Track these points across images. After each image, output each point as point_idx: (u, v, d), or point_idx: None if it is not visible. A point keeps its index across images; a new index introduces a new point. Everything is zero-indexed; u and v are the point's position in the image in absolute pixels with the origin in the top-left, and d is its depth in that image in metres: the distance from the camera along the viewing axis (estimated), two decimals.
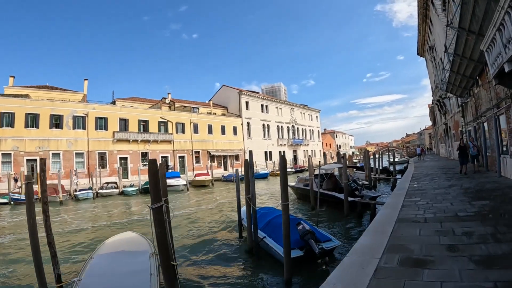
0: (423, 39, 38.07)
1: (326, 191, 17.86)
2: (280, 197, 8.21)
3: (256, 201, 10.69)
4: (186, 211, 21.86)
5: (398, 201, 9.38)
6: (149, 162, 6.18)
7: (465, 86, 18.04)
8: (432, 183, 13.80)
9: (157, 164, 6.16)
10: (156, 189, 5.98)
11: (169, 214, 7.23)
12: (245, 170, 10.06)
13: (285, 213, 7.78)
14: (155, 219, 5.85)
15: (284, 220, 7.81)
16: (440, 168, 22.12)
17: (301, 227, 8.81)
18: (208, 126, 55.25)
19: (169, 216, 7.18)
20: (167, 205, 7.30)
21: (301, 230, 8.67)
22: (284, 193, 8.02)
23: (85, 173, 39.37)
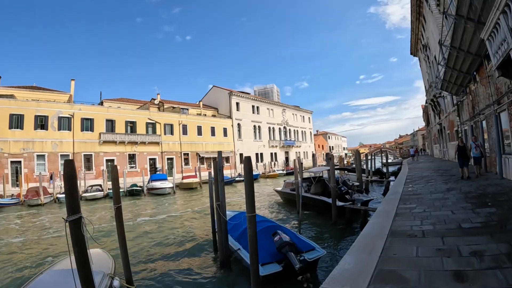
0: (416, 38, 37.26)
1: (315, 195, 16.71)
2: (246, 207, 7.03)
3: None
4: (170, 215, 20.84)
5: (391, 208, 8.23)
6: (65, 164, 4.93)
7: (461, 83, 17.00)
8: (428, 186, 12.68)
9: (73, 166, 4.92)
10: (73, 197, 4.78)
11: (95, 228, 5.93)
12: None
13: (251, 226, 6.60)
14: (72, 234, 4.70)
15: (250, 234, 6.62)
16: (435, 170, 20.96)
17: (277, 237, 7.57)
18: (198, 128, 54.10)
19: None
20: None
21: (278, 241, 7.46)
22: (250, 203, 6.81)
23: None
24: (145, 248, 12.61)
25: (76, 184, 4.91)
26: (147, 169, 45.42)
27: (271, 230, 8.14)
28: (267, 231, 8.20)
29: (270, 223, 9.22)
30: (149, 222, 18.80)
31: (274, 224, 9.04)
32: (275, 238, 7.60)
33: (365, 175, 28.98)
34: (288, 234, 8.22)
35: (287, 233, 8.23)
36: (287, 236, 7.67)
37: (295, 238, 8.22)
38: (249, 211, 6.71)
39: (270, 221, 10.07)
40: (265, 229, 8.40)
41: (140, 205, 27.46)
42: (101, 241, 14.62)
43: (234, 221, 10.50)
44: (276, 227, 8.69)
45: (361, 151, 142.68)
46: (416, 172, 20.48)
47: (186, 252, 11.55)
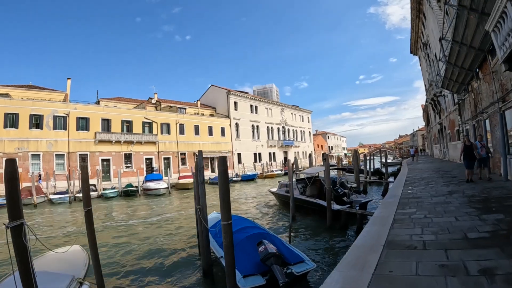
0: (416, 36, 36.65)
1: (310, 197, 15.96)
2: (221, 214, 6.34)
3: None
4: (163, 217, 20.18)
5: (389, 214, 7.56)
6: (6, 163, 4.27)
7: (463, 80, 16.33)
8: (428, 188, 11.99)
9: (15, 165, 4.27)
10: (14, 201, 4.17)
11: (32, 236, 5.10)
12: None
13: (226, 236, 5.95)
14: (13, 243, 4.11)
15: (225, 244, 5.97)
16: (435, 171, 20.22)
17: (262, 248, 6.85)
18: (195, 127, 53.53)
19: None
20: None
21: (263, 252, 6.73)
22: (225, 209, 6.12)
23: (66, 175, 37.16)
24: (129, 251, 11.99)
25: (18, 186, 4.28)
26: (143, 169, 44.92)
27: (257, 238, 7.46)
28: (254, 239, 7.52)
29: (257, 230, 8.48)
30: (140, 224, 18.18)
31: (261, 232, 8.29)
32: (259, 248, 6.91)
33: (363, 175, 28.35)
34: (276, 243, 7.52)
35: (275, 242, 7.52)
36: (273, 247, 6.93)
37: (284, 248, 7.51)
38: (224, 218, 6.05)
39: (258, 228, 9.30)
40: (252, 236, 7.72)
41: (134, 206, 26.90)
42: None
43: (219, 227, 9.82)
44: (263, 235, 7.94)
45: (360, 151, 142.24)
46: (416, 173, 19.80)
47: (170, 257, 10.87)
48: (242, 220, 10.03)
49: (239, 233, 8.06)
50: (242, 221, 9.93)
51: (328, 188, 13.37)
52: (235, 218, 10.35)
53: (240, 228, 8.48)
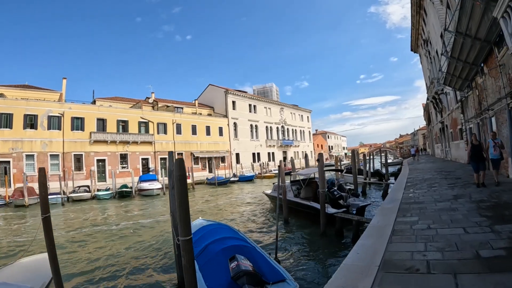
0: (416, 33, 35.84)
1: (304, 200, 15.04)
2: (179, 227, 5.49)
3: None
4: (154, 220, 19.27)
5: (387, 223, 6.68)
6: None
7: (466, 76, 15.45)
8: (431, 192, 11.04)
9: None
10: None
11: None
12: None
13: (185, 254, 5.10)
14: None
15: (185, 263, 5.12)
16: (438, 171, 19.24)
17: (234, 264, 5.82)
18: (192, 127, 52.71)
19: None
20: None
21: (234, 269, 5.74)
22: (183, 223, 5.27)
23: (61, 175, 36.34)
24: (106, 258, 11.14)
25: None
26: (139, 169, 44.22)
27: (234, 251, 6.51)
28: (230, 252, 6.55)
29: (236, 242, 7.39)
30: (130, 227, 17.25)
31: (240, 244, 7.21)
32: (231, 265, 5.91)
33: (363, 176, 27.48)
34: (256, 257, 6.53)
35: (254, 257, 6.53)
36: (248, 263, 5.96)
37: (264, 264, 6.51)
38: (183, 233, 5.20)
39: (238, 238, 8.14)
40: (228, 249, 6.71)
41: (127, 207, 26.21)
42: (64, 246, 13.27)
43: (200, 234, 8.84)
44: (241, 247, 6.92)
45: (361, 150, 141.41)
46: (417, 174, 18.89)
47: (148, 267, 9.98)
48: (222, 229, 9.01)
49: (215, 245, 7.16)
50: (221, 230, 8.89)
51: (321, 191, 12.28)
52: (214, 226, 9.48)
53: (217, 239, 7.54)
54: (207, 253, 7.03)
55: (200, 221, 11.87)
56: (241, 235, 9.09)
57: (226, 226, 9.72)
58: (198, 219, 12.36)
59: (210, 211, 21.53)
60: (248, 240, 8.72)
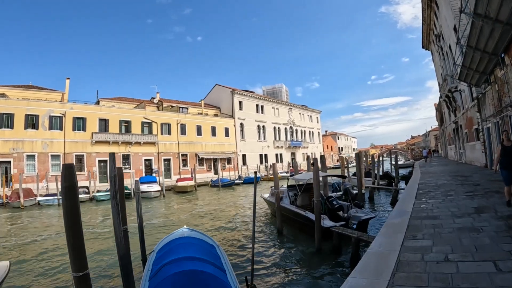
0: (428, 29, 34.20)
1: (300, 208, 13.42)
2: None
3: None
4: (145, 223, 17.95)
5: (392, 248, 5.19)
6: None
7: (484, 69, 13.82)
8: (447, 202, 9.27)
9: None
10: None
11: None
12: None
13: None
14: None
15: None
16: (452, 175, 17.37)
17: None
18: (197, 127, 51.58)
19: None
20: None
21: None
22: (75, 256, 3.92)
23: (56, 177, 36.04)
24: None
25: None
26: (142, 170, 43.40)
27: (188, 278, 5.12)
28: (183, 278, 5.14)
29: (196, 265, 5.80)
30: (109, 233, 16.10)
31: (198, 270, 5.69)
32: None
33: (371, 179, 25.88)
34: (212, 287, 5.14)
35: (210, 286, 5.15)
36: None
37: None
38: (75, 267, 3.83)
39: (203, 260, 6.50)
40: (181, 274, 5.25)
41: (128, 209, 24.88)
42: None
43: (167, 248, 7.41)
44: (197, 273, 5.45)
45: (372, 152, 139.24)
46: (429, 179, 17.03)
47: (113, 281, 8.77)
48: (193, 245, 7.41)
49: (170, 266, 5.71)
50: (190, 246, 7.23)
51: (316, 200, 10.61)
52: (186, 240, 8.01)
53: (176, 259, 6.06)
54: (160, 275, 5.60)
55: (182, 230, 10.51)
56: (216, 254, 7.55)
57: (201, 241, 8.18)
58: (182, 228, 10.95)
59: (207, 216, 20.24)
60: (221, 261, 7.16)
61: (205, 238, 8.76)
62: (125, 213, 6.88)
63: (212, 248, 7.89)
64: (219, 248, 8.08)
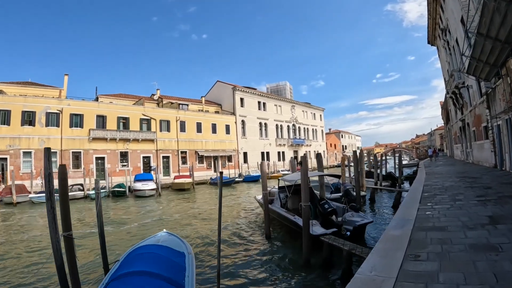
0: (434, 23, 32.98)
1: (290, 212, 12.23)
2: None
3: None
4: (132, 226, 17.02)
5: (388, 273, 4.06)
6: None
7: (495, 61, 12.63)
8: (456, 209, 7.98)
9: None
10: None
11: None
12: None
13: None
14: None
15: None
16: (460, 177, 15.85)
17: None
18: (197, 124, 50.66)
19: None
20: None
21: None
22: None
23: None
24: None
25: None
26: (140, 167, 42.71)
27: None
28: None
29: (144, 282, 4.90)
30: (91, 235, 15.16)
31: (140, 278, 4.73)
32: None
33: (373, 180, 24.79)
34: None
35: None
36: None
37: None
38: None
39: (158, 276, 5.53)
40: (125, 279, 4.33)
41: (113, 209, 24.46)
42: None
43: (129, 257, 6.49)
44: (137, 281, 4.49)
45: (376, 150, 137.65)
46: (435, 180, 15.70)
47: None
48: (152, 256, 6.46)
49: (119, 282, 4.80)
50: (153, 258, 6.21)
51: (304, 205, 9.26)
52: (146, 250, 7.02)
53: (126, 273, 5.10)
54: None
55: (158, 235, 9.53)
56: (181, 265, 6.52)
57: (169, 250, 7.14)
58: (160, 233, 9.96)
59: (200, 215, 19.32)
60: (185, 273, 6.14)
61: (176, 246, 7.77)
62: (69, 216, 5.89)
63: (180, 258, 6.88)
64: (189, 257, 7.07)
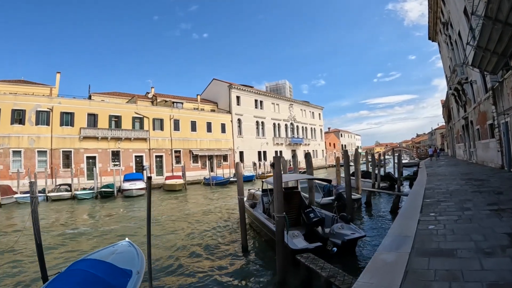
0: (435, 17, 31.74)
1: (270, 219, 10.50)
2: None
3: None
4: (111, 228, 15.96)
5: None
6: None
7: (504, 51, 11.33)
8: (465, 222, 6.40)
9: None
10: None
11: None
12: None
13: None
14: None
15: None
16: (465, 179, 14.15)
17: None
18: (192, 123, 49.40)
19: None
20: None
21: None
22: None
23: (49, 173, 34.31)
24: None
25: None
26: (132, 167, 41.55)
27: None
28: None
29: None
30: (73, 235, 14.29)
31: None
32: None
33: (371, 180, 23.42)
34: None
35: None
36: None
37: None
38: None
39: None
40: None
41: (102, 210, 23.64)
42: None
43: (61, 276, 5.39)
44: None
45: (376, 150, 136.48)
46: (438, 182, 14.01)
47: None
48: (84, 275, 5.28)
49: None
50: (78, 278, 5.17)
51: (277, 216, 7.64)
52: (81, 266, 5.87)
53: None
54: None
55: (118, 245, 8.35)
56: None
57: (111, 267, 5.92)
58: (122, 242, 8.72)
59: (182, 219, 17.97)
60: None
61: (126, 262, 6.62)
62: None
63: (121, 279, 5.68)
64: (134, 278, 5.89)
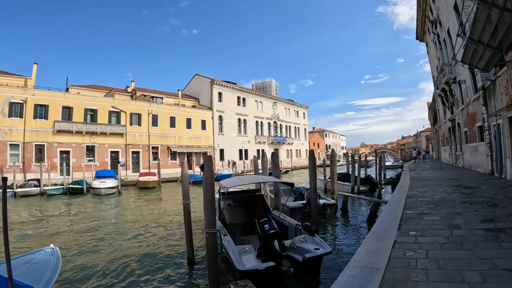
0: (423, 16, 30.91)
1: (223, 228, 9.20)
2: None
3: None
4: (69, 229, 14.64)
5: None
6: None
7: (499, 44, 10.21)
8: (454, 247, 4.74)
9: None
10: None
11: None
12: None
13: None
14: None
15: None
16: (453, 185, 12.64)
17: None
18: (171, 119, 47.87)
19: None
20: None
21: None
22: None
23: (20, 167, 33.32)
24: None
25: None
26: (108, 163, 39.96)
27: None
28: None
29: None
30: None
31: None
32: None
33: (350, 184, 22.11)
34: None
35: None
36: None
37: None
38: None
39: None
40: None
41: (64, 207, 22.42)
42: None
43: None
44: None
45: (361, 151, 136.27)
46: (422, 189, 12.39)
47: None
48: None
49: None
50: None
51: (206, 232, 6.62)
52: None
53: None
54: None
55: (40, 252, 7.04)
56: None
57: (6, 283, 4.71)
58: (46, 248, 7.38)
59: (141, 220, 16.55)
60: None
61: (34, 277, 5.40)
62: None
63: None
64: None
